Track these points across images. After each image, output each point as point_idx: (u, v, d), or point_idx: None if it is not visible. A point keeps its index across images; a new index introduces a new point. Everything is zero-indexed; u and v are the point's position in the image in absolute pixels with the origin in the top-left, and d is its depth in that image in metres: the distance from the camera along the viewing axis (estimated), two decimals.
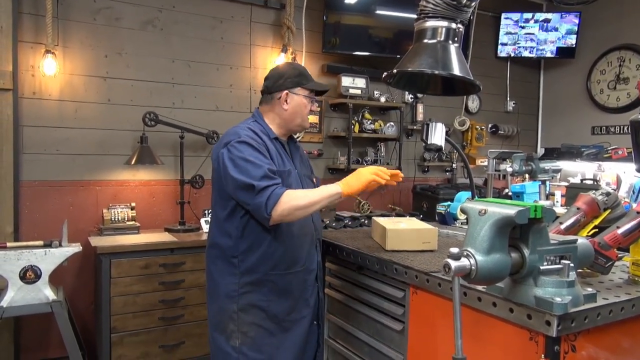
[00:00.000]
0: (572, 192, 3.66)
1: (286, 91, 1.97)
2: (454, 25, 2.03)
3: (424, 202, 4.01)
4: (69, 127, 3.21)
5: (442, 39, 2.02)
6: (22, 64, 3.05)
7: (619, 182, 4.32)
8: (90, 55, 3.25)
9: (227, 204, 1.89)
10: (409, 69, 2.04)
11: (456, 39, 2.04)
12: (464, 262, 1.19)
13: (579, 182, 4.52)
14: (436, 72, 1.98)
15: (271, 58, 3.86)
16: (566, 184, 4.49)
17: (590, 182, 4.46)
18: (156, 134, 3.38)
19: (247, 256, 1.89)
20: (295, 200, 1.76)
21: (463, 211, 1.32)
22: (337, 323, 2.19)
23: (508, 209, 1.19)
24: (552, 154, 4.87)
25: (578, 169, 4.74)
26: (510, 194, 2.29)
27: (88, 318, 3.29)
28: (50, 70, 3.05)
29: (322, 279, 2.18)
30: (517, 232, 1.27)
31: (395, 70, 2.06)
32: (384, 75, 2.14)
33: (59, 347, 3.04)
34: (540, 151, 5.29)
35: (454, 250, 1.19)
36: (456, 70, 1.99)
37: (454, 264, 1.18)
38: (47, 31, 3.02)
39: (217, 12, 3.66)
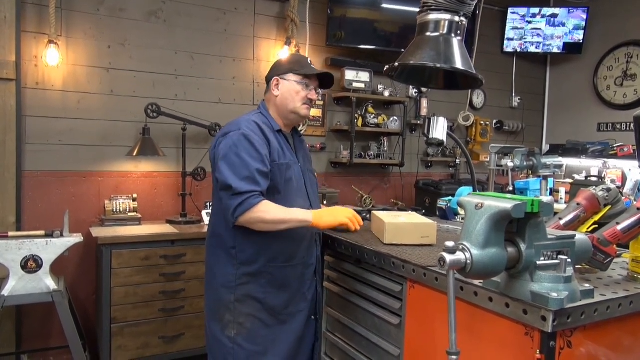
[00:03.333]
0: (577, 189, 3.63)
1: (276, 77, 1.99)
2: (457, 19, 2.01)
3: (426, 197, 3.99)
4: (71, 117, 3.21)
5: (444, 32, 2.01)
6: (25, 54, 3.05)
7: (624, 179, 4.28)
8: (93, 46, 3.25)
9: None
10: (411, 62, 2.02)
11: (459, 32, 2.03)
12: (459, 256, 1.18)
13: (584, 179, 4.50)
14: (438, 65, 1.97)
15: (274, 51, 3.84)
16: (571, 181, 4.47)
17: (595, 179, 4.44)
18: (159, 126, 3.38)
19: (245, 247, 1.89)
20: (264, 214, 1.77)
21: (460, 205, 1.30)
22: (335, 316, 2.19)
23: (505, 203, 1.18)
24: (557, 150, 4.85)
25: (583, 166, 4.71)
26: (510, 189, 2.27)
27: (89, 308, 3.31)
28: (53, 61, 3.05)
29: (322, 273, 2.18)
30: (514, 227, 1.26)
31: (397, 64, 2.04)
32: (385, 68, 2.12)
33: (60, 337, 3.06)
34: (546, 147, 5.26)
35: (450, 244, 1.18)
36: (459, 64, 1.97)
37: (449, 257, 1.17)
38: (51, 21, 3.02)
39: (221, 3, 3.64)
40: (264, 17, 3.82)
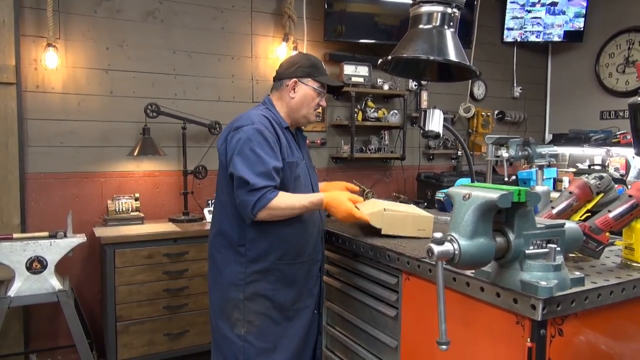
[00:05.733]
0: None
1: (295, 79, 1.96)
2: (449, 10, 2.01)
3: (428, 190, 3.99)
4: (72, 119, 3.24)
5: (437, 24, 2.01)
6: (24, 57, 3.08)
7: (627, 167, 4.26)
8: (92, 47, 3.28)
9: None
10: (404, 55, 2.02)
11: (452, 23, 2.02)
12: (447, 246, 1.19)
13: (587, 167, 4.48)
14: (431, 57, 1.97)
15: (272, 47, 3.85)
16: (574, 170, 4.45)
17: (599, 167, 4.41)
18: (159, 125, 3.40)
19: (255, 245, 1.89)
20: (280, 209, 1.80)
21: (449, 196, 1.31)
22: (335, 310, 2.21)
23: (491, 193, 1.19)
24: (560, 139, 4.83)
25: (586, 155, 4.68)
26: (506, 180, 2.27)
27: (95, 308, 3.35)
28: (52, 64, 3.08)
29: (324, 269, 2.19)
30: (502, 217, 1.27)
31: (390, 57, 2.05)
32: (379, 62, 2.13)
33: (67, 336, 3.09)
34: (548, 137, 5.23)
35: (438, 235, 1.19)
36: (452, 56, 1.97)
37: (437, 248, 1.18)
38: (49, 24, 3.04)
39: (218, 2, 3.65)
40: (261, 14, 3.82)
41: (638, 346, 1.47)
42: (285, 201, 1.81)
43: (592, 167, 4.47)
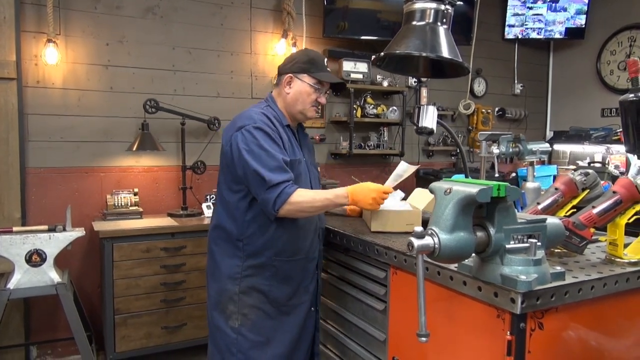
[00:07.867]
0: None
1: (290, 74, 1.97)
2: (442, 7, 2.02)
3: (426, 187, 4.00)
4: (72, 114, 3.28)
5: (430, 21, 2.01)
6: (25, 53, 3.12)
7: (628, 165, 4.25)
8: (91, 43, 3.31)
9: (237, 188, 1.90)
10: (397, 52, 2.03)
11: (445, 20, 2.03)
12: (427, 240, 1.20)
13: (587, 165, 4.47)
14: (424, 54, 1.98)
15: (272, 44, 3.87)
16: (574, 167, 4.44)
17: (599, 165, 4.41)
18: (158, 121, 3.43)
19: (252, 240, 1.91)
20: (303, 203, 1.80)
21: (431, 191, 1.33)
22: (328, 305, 2.23)
23: (471, 188, 1.20)
24: (560, 137, 4.82)
25: (587, 152, 4.67)
26: (496, 176, 2.28)
27: (95, 301, 3.39)
28: (52, 59, 3.12)
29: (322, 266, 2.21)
30: (483, 212, 1.28)
31: (382, 53, 2.06)
32: (372, 58, 2.14)
33: (67, 329, 3.13)
34: (549, 134, 5.23)
35: (418, 229, 1.21)
36: (444, 53, 1.98)
37: (417, 242, 1.19)
38: (49, 20, 3.08)
39: None
40: (261, 10, 3.84)
41: (620, 341, 1.48)
42: (306, 195, 1.83)
43: (592, 164, 4.47)
